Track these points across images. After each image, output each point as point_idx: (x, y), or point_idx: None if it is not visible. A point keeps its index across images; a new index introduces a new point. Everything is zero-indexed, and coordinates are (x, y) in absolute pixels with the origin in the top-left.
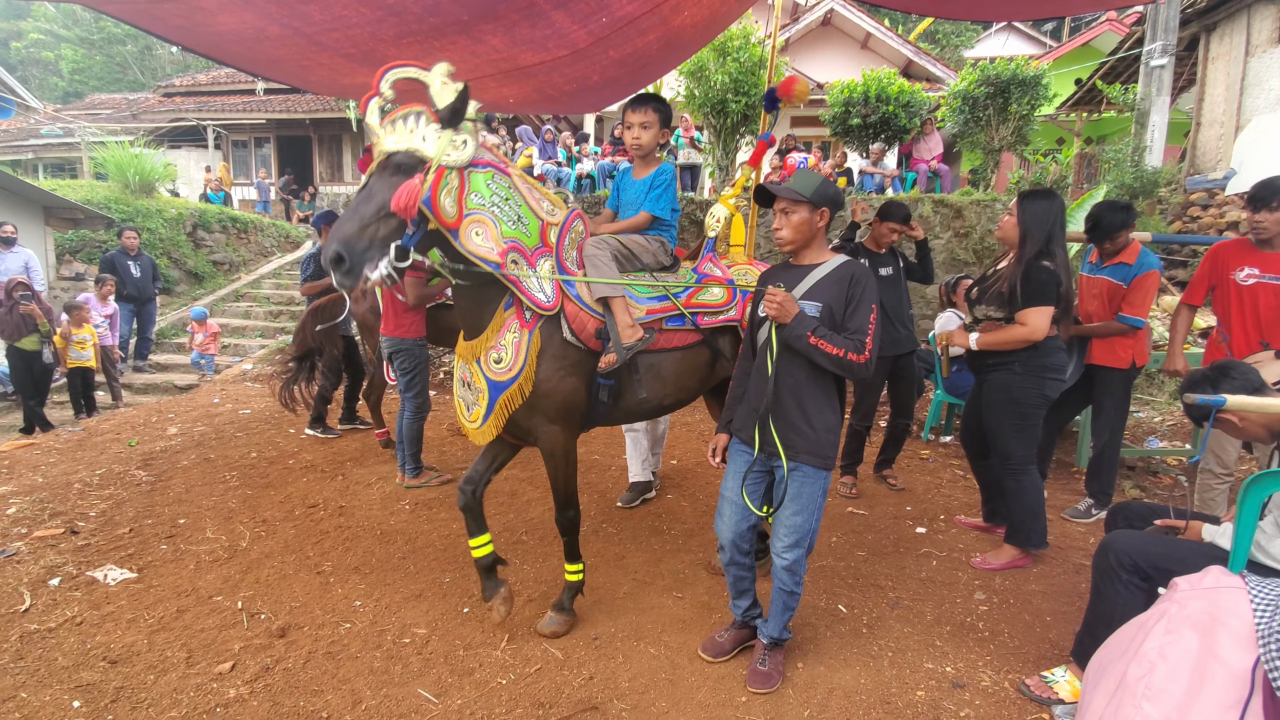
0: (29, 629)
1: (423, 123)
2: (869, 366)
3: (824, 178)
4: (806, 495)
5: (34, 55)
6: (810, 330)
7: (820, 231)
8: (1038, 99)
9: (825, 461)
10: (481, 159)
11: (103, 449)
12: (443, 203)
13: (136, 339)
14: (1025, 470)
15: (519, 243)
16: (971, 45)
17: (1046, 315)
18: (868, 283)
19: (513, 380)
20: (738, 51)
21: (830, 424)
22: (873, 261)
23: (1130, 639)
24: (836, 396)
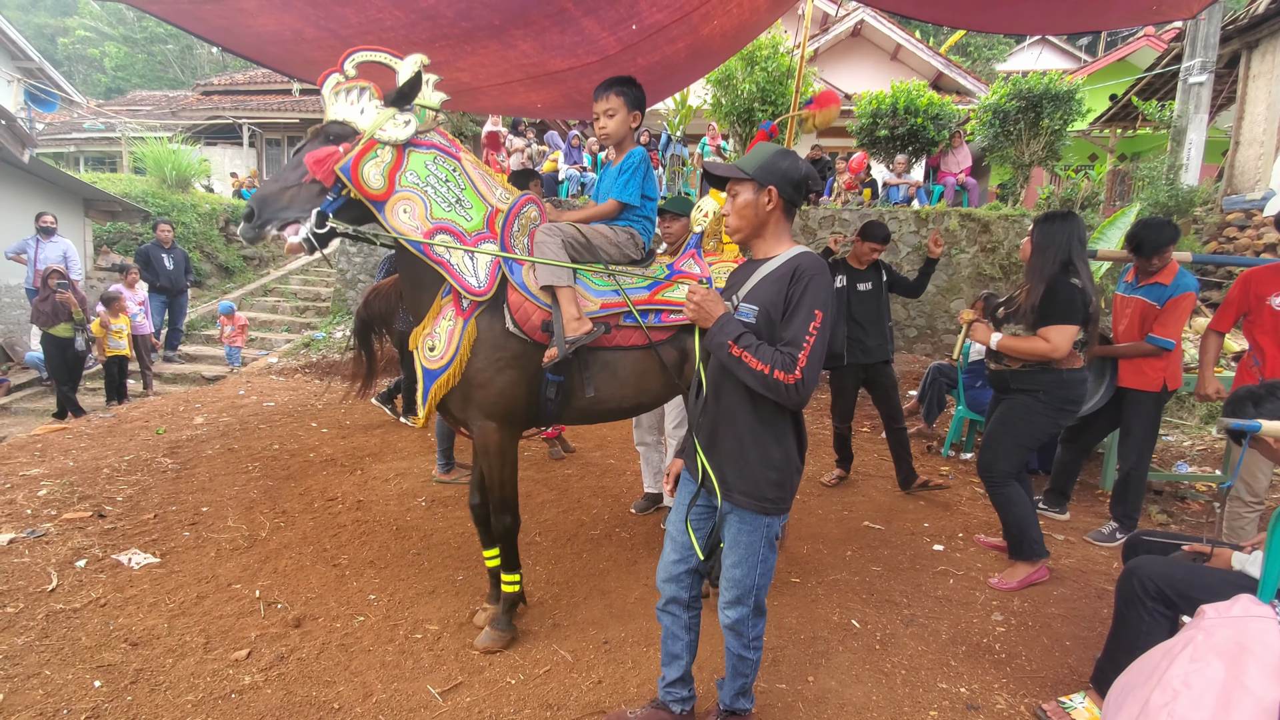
0: (55, 608)
1: (365, 97)
2: (801, 391)
3: (778, 150)
4: (745, 545)
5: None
6: (733, 338)
7: (771, 217)
8: (1071, 114)
9: (763, 505)
10: (426, 140)
11: (131, 435)
12: (365, 172)
13: (168, 330)
14: (1006, 483)
15: (453, 225)
16: (1004, 59)
17: (1069, 334)
18: (812, 281)
19: (442, 370)
20: (766, 61)
21: (773, 459)
22: (851, 277)
23: (1154, 665)
24: (790, 427)
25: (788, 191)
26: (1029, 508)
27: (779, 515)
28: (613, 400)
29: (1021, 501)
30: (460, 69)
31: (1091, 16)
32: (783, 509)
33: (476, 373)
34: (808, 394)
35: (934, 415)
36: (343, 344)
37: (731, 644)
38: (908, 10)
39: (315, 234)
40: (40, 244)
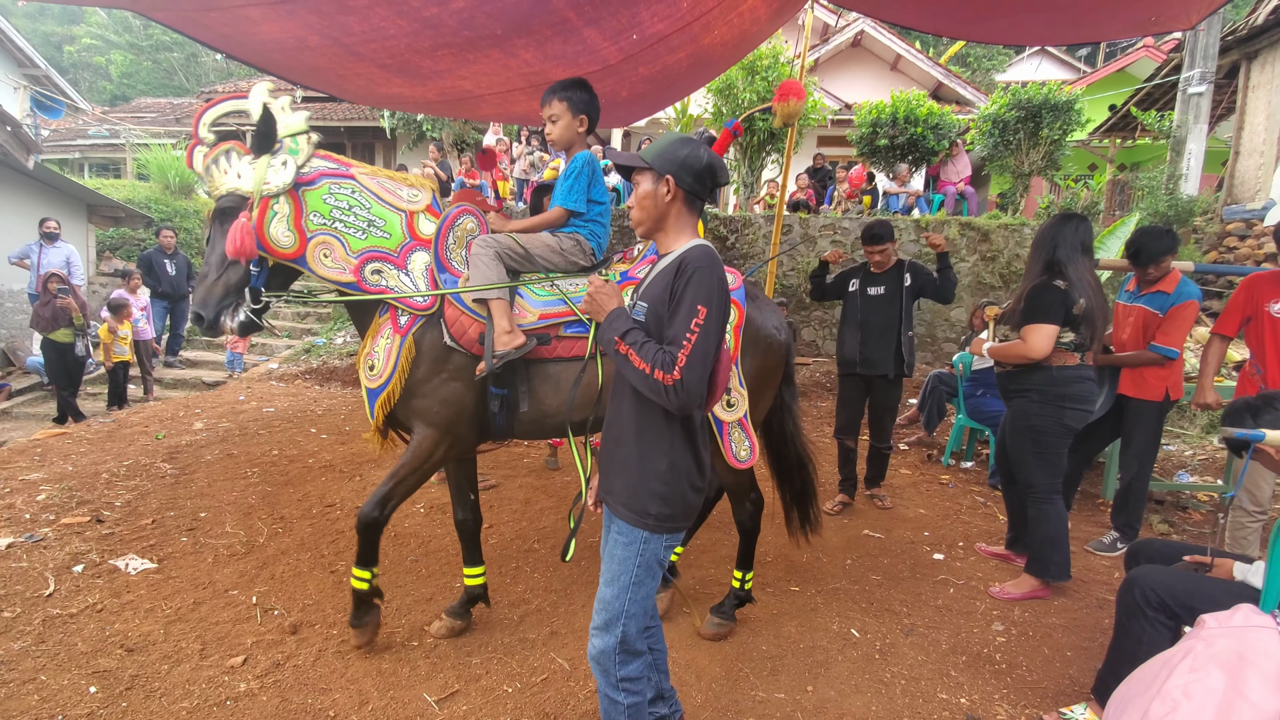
0: (52, 613)
1: (234, 159)
2: (680, 394)
3: (680, 138)
4: (618, 560)
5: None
6: (620, 334)
7: (671, 209)
8: (1070, 124)
9: (643, 520)
10: (311, 174)
11: (131, 441)
12: (274, 234)
13: (169, 335)
14: (1049, 499)
15: (376, 250)
16: (1003, 69)
17: (1046, 333)
18: (696, 274)
19: (383, 388)
20: (767, 71)
21: (657, 470)
22: (866, 281)
23: (1154, 675)
24: (682, 436)
25: (686, 181)
26: (1063, 529)
27: (662, 534)
28: (560, 414)
29: (1055, 522)
30: (462, 77)
31: (1091, 27)
32: (668, 528)
33: (418, 384)
34: (690, 399)
35: (934, 424)
36: (343, 350)
37: (598, 680)
38: (907, 21)
39: (253, 310)
40: (43, 249)
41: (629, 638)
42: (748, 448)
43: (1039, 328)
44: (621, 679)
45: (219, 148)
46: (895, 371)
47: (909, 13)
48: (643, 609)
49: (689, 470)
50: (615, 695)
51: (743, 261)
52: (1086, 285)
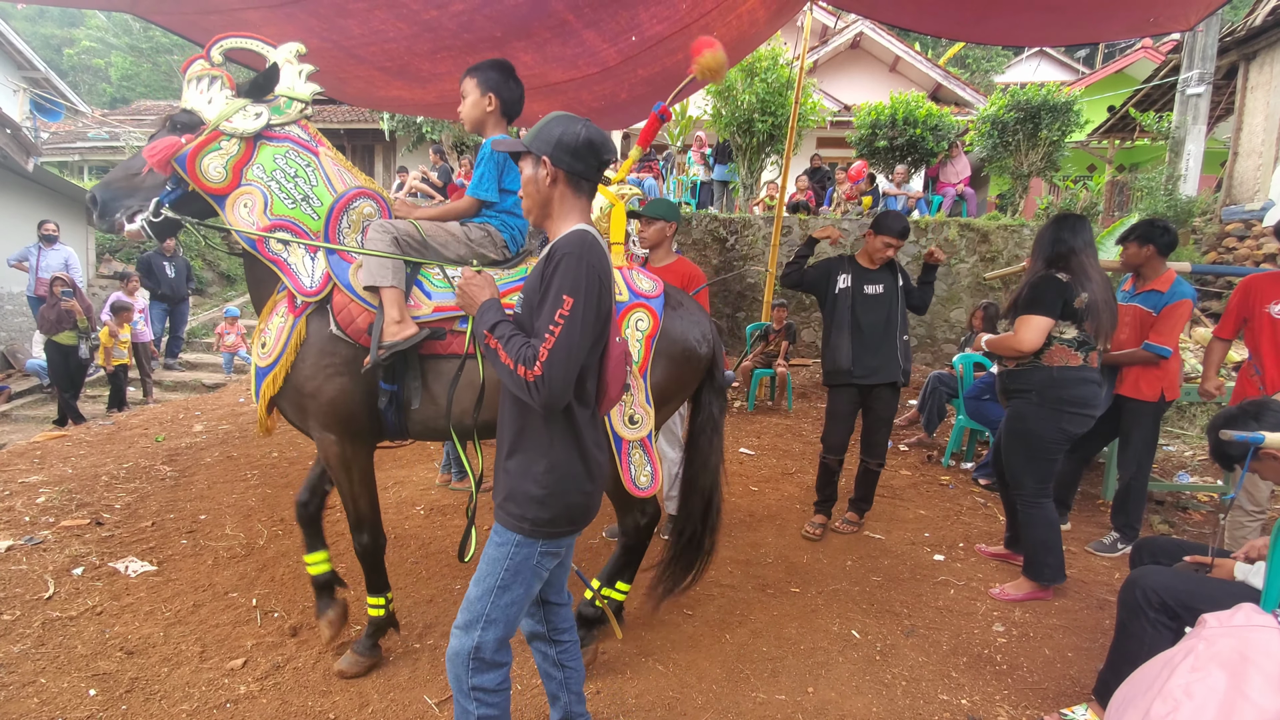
0: (51, 616)
1: (216, 87)
2: (541, 390)
3: (558, 115)
4: (487, 559)
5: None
6: (489, 326)
7: (554, 193)
8: (1069, 125)
9: (519, 523)
10: (279, 133)
11: (130, 443)
12: (204, 165)
13: (168, 337)
14: (1037, 503)
15: (294, 223)
16: (1002, 70)
17: (1036, 325)
18: (564, 261)
19: (269, 369)
20: (766, 72)
21: (536, 472)
22: (858, 277)
23: (1155, 675)
24: (564, 437)
25: (564, 160)
26: (1054, 532)
27: (539, 540)
28: (450, 415)
29: (1044, 525)
30: None
31: (1088, 28)
32: (546, 533)
33: (305, 380)
34: (553, 396)
35: (934, 425)
36: None
37: (451, 684)
38: (906, 22)
39: (151, 223)
40: (42, 251)
41: (485, 645)
42: (649, 474)
43: (1030, 319)
44: (474, 687)
45: (210, 70)
46: (896, 378)
47: (907, 14)
48: (506, 616)
49: (572, 473)
50: (466, 704)
51: (742, 264)
52: (1091, 280)
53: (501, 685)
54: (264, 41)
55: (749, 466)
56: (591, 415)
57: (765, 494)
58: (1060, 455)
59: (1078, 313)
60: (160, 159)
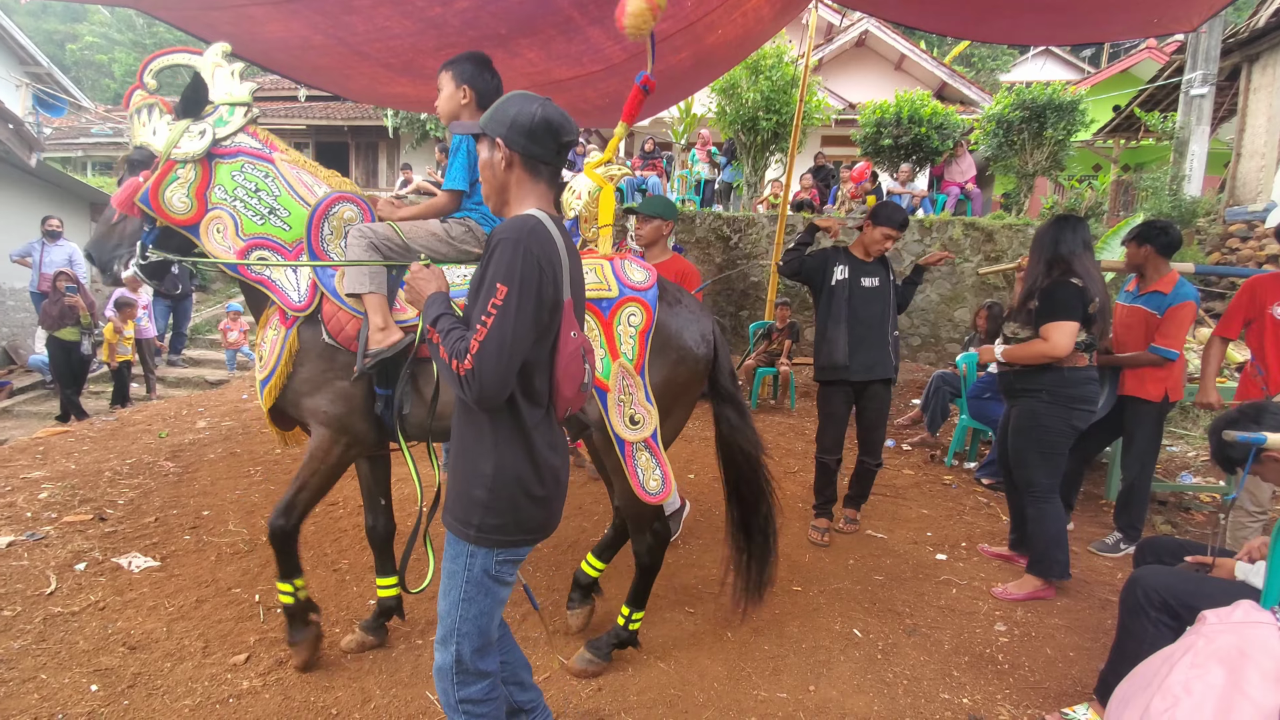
0: (53, 612)
1: (155, 115)
2: (473, 385)
3: (515, 95)
4: (447, 573)
5: (88, 58)
6: (431, 320)
7: (511, 177)
8: (1074, 124)
9: (464, 529)
10: (230, 148)
11: (134, 439)
12: (167, 198)
13: (172, 334)
14: (1048, 499)
15: (268, 238)
16: (1007, 69)
17: (1068, 330)
18: (499, 248)
19: (267, 380)
20: (770, 70)
21: (479, 475)
22: (855, 270)
23: (1155, 672)
24: (510, 438)
25: (519, 142)
26: (1063, 528)
27: (492, 548)
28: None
29: (1057, 520)
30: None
31: (1093, 28)
32: (496, 541)
33: (302, 383)
34: (485, 391)
35: (937, 424)
36: None
37: (440, 699)
38: (911, 20)
39: (141, 265)
40: (46, 247)
41: (464, 657)
42: (659, 477)
43: (1060, 325)
44: (461, 700)
45: (148, 99)
46: (890, 374)
47: (912, 12)
48: (477, 628)
49: (522, 476)
50: (455, 717)
51: (746, 262)
52: (1096, 282)
53: (490, 694)
54: (191, 53)
55: None
56: (545, 416)
57: None
58: (1066, 450)
59: (1090, 317)
60: (124, 202)
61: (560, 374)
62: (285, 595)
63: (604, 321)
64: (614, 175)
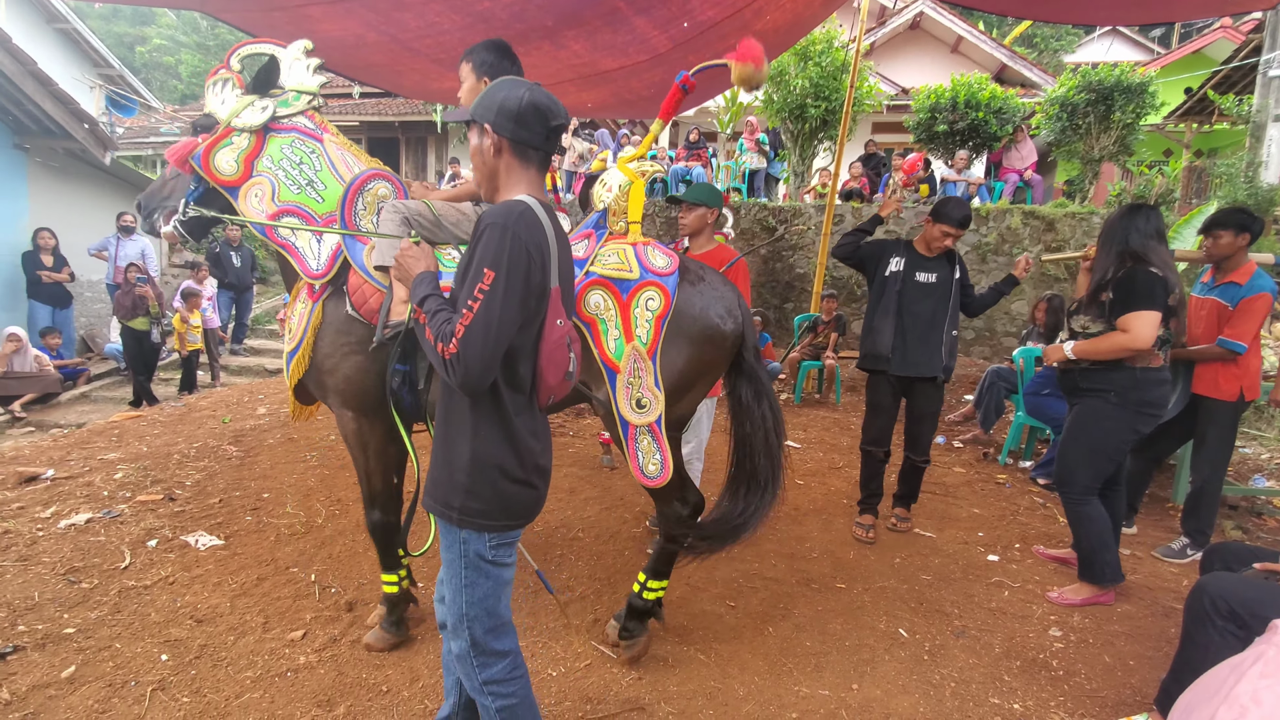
0: (127, 585)
1: (228, 88)
2: (457, 369)
3: (504, 80)
4: (446, 561)
5: (156, 59)
6: (419, 300)
7: (500, 163)
8: (1143, 107)
9: (448, 513)
10: (286, 124)
11: (200, 424)
12: (217, 160)
13: (234, 324)
14: (1084, 500)
15: (301, 207)
16: (1072, 50)
17: (1150, 321)
18: (486, 232)
19: (293, 353)
20: (820, 56)
21: (459, 459)
22: (912, 263)
23: (1222, 680)
24: (489, 421)
25: (506, 127)
26: (1105, 529)
27: (481, 531)
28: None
29: (1097, 521)
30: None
31: (1163, 7)
32: (480, 525)
33: (324, 358)
34: (469, 376)
35: (991, 421)
36: None
37: (465, 685)
38: (970, 1)
39: (182, 221)
40: (120, 242)
41: (478, 639)
42: (658, 461)
43: (1141, 315)
44: (484, 682)
45: (224, 75)
46: (938, 372)
47: None
48: (484, 610)
49: (502, 461)
50: (482, 699)
51: (791, 253)
52: (1174, 272)
53: (513, 674)
54: (276, 44)
55: (794, 460)
56: (527, 402)
57: (811, 488)
58: (1123, 456)
59: (1170, 310)
60: (179, 157)
61: (545, 361)
62: (389, 586)
63: (622, 303)
64: (646, 171)
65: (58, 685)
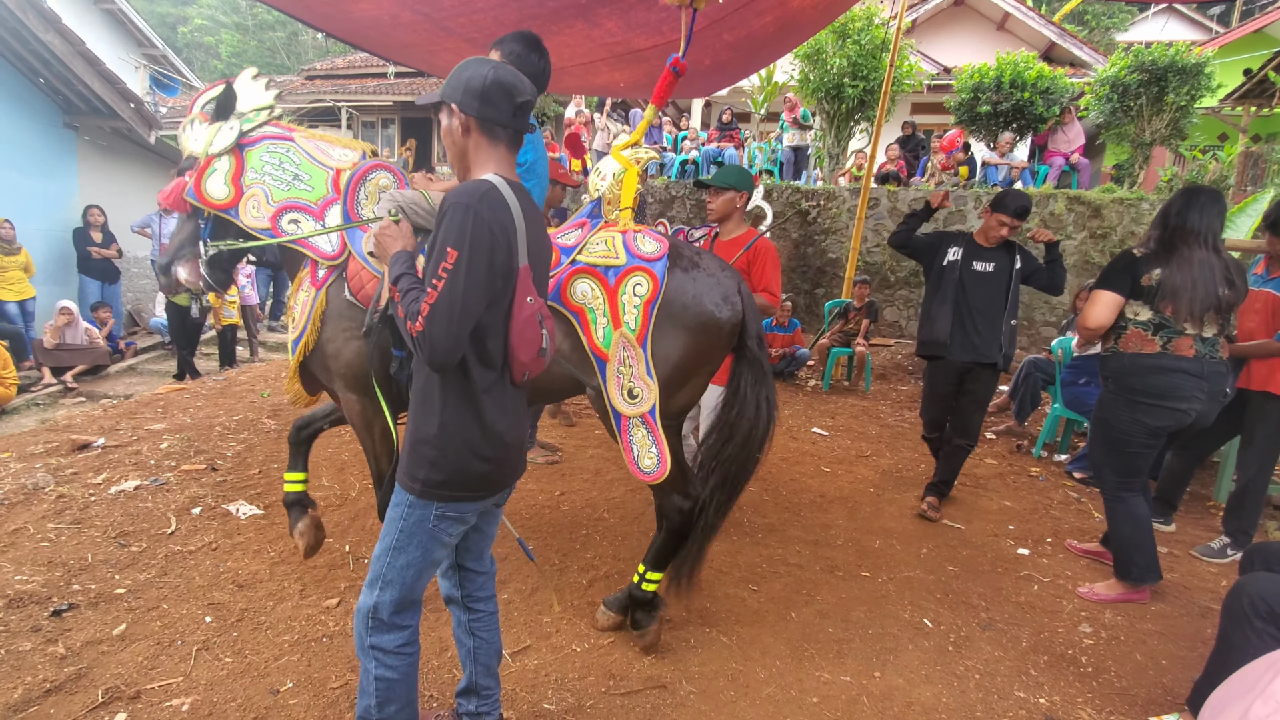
0: (173, 550)
1: (196, 126)
2: (424, 346)
3: (471, 59)
4: (388, 520)
5: (197, 40)
6: (394, 278)
7: (470, 142)
8: (1199, 89)
9: (410, 482)
10: (255, 136)
11: (239, 398)
12: (208, 188)
13: (272, 301)
14: (1119, 497)
15: (297, 201)
16: (1125, 28)
17: (1101, 301)
18: (450, 211)
19: (298, 340)
20: (859, 34)
21: (429, 433)
22: (969, 253)
23: (1258, 677)
24: (455, 397)
25: (472, 106)
26: (1137, 528)
27: (432, 501)
28: None
29: (1127, 520)
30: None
31: None
32: (439, 495)
33: (326, 343)
34: (436, 353)
35: (1026, 413)
36: None
37: (355, 640)
38: None
39: (206, 262)
40: (163, 219)
41: (381, 606)
42: (654, 455)
43: (1096, 294)
44: (371, 646)
45: (191, 118)
46: (996, 358)
47: None
48: (402, 579)
49: (469, 437)
50: (365, 661)
51: (824, 238)
52: (1183, 259)
53: (402, 648)
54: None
55: (821, 447)
56: (498, 379)
57: (838, 476)
58: (1143, 449)
59: (1146, 291)
60: (173, 199)
61: (515, 339)
62: None
63: (609, 289)
64: (640, 158)
65: (109, 642)
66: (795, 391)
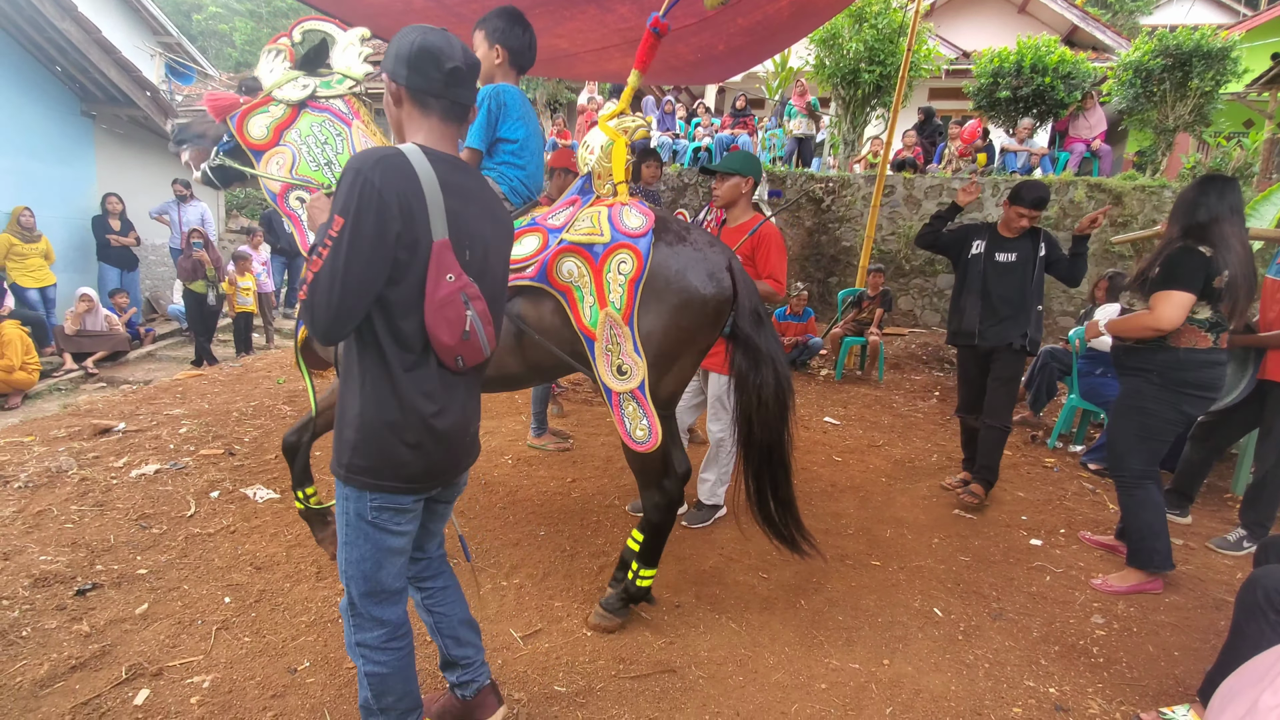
0: (193, 532)
1: (278, 60)
2: (308, 316)
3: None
4: (338, 514)
5: (212, 27)
6: (311, 249)
7: (403, 112)
8: (1224, 74)
9: (336, 467)
10: (323, 104)
11: (256, 384)
12: (250, 124)
13: (287, 289)
14: (1140, 485)
15: (313, 183)
16: (1149, 11)
17: (1178, 301)
18: (344, 179)
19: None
20: (876, 17)
21: (348, 415)
22: (992, 244)
23: (1269, 667)
24: (374, 375)
25: (401, 73)
26: (1158, 515)
27: (365, 492)
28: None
29: (1150, 507)
30: (559, 35)
31: None
32: (366, 483)
33: None
34: (317, 325)
35: (1042, 403)
36: None
37: (345, 639)
38: None
39: (211, 167)
40: (180, 206)
41: (355, 600)
42: (645, 427)
43: (1170, 295)
44: (358, 643)
45: (280, 45)
46: (1019, 343)
47: None
48: (360, 572)
49: (390, 421)
50: (355, 658)
51: (838, 225)
52: (1234, 254)
53: (388, 644)
54: (338, 25)
55: (833, 436)
56: (420, 361)
57: (849, 465)
58: (1170, 437)
59: (1216, 292)
60: (215, 107)
61: (431, 319)
62: None
63: (594, 268)
64: (628, 128)
65: (132, 621)
66: (808, 380)
